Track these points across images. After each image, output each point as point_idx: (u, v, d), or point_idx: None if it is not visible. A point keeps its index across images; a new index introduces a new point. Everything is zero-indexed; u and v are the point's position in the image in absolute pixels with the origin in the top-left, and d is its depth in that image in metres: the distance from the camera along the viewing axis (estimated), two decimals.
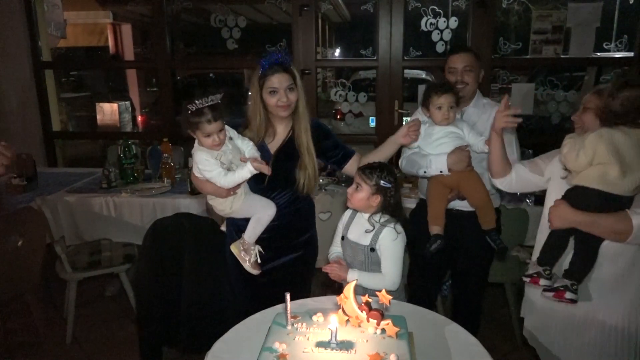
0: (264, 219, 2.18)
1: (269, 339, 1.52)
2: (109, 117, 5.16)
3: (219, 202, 2.15)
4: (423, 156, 2.31)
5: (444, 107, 2.24)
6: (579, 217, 1.77)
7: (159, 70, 4.68)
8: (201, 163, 2.04)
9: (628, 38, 4.24)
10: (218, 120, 1.98)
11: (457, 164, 2.23)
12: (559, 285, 1.80)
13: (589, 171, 1.72)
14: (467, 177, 2.27)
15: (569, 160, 1.76)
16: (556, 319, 1.97)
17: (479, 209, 2.31)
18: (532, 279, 1.87)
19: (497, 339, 3.18)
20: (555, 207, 1.82)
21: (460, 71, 2.42)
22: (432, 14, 4.18)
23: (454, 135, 2.27)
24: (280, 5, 4.48)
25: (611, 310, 1.84)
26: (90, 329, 3.37)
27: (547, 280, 1.84)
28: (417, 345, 1.60)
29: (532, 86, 4.43)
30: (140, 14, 7.37)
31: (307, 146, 2.20)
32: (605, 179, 1.70)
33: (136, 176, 3.61)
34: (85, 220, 3.31)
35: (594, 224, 1.75)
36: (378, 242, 2.04)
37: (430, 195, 2.36)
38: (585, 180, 1.74)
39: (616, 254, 1.80)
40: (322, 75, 5.88)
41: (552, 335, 2.00)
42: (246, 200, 2.16)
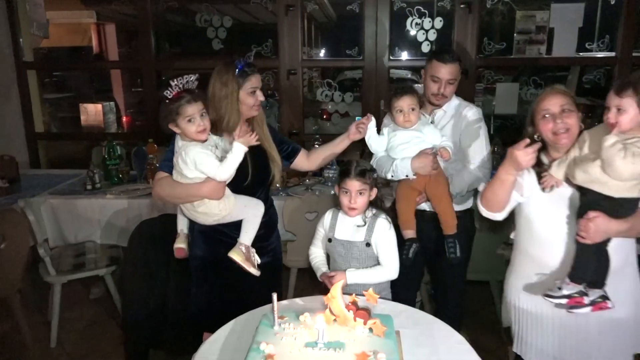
0: (257, 217, 2.17)
1: (256, 340, 1.51)
2: (93, 117, 5.10)
3: (214, 206, 2.06)
4: (389, 160, 2.31)
5: (404, 110, 2.23)
6: (622, 225, 1.70)
7: (143, 71, 4.64)
8: (198, 157, 1.93)
9: (610, 38, 4.30)
10: (199, 101, 1.94)
11: (421, 168, 2.22)
12: (595, 297, 1.74)
13: (632, 183, 1.64)
14: (433, 181, 2.26)
15: (628, 171, 1.60)
16: (549, 320, 1.95)
17: (440, 214, 2.30)
18: (572, 300, 1.75)
19: (483, 336, 3.20)
20: (593, 222, 1.68)
21: (444, 82, 2.34)
22: (417, 14, 4.20)
23: (417, 139, 2.26)
24: (266, 5, 4.47)
25: (617, 306, 1.81)
26: (75, 332, 3.33)
27: (587, 296, 1.75)
28: (404, 343, 1.61)
29: (516, 86, 4.47)
30: (125, 13, 7.30)
31: (268, 140, 2.24)
32: None
33: (121, 177, 3.58)
34: (69, 222, 3.27)
35: (631, 229, 1.73)
36: (373, 235, 2.08)
37: (398, 199, 2.36)
38: (630, 192, 1.67)
39: (615, 248, 1.79)
40: (308, 75, 5.87)
41: (546, 337, 1.97)
42: (238, 200, 2.13)
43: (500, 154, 3.60)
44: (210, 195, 2.02)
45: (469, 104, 2.46)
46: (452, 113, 2.44)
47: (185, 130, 1.95)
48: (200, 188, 1.99)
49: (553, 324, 1.93)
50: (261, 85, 2.17)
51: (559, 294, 1.77)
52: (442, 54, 2.36)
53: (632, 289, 1.90)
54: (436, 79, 2.36)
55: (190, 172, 1.98)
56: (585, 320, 1.86)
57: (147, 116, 4.78)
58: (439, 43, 4.30)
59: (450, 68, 2.34)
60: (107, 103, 5.27)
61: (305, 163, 2.45)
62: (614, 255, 1.78)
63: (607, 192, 1.68)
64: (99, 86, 9.25)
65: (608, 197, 1.69)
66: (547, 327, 1.95)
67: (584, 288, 1.76)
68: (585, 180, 1.72)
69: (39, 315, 3.48)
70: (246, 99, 2.12)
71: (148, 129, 4.71)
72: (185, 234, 2.30)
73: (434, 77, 2.36)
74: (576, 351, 1.93)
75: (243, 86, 2.11)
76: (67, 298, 3.48)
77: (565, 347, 1.94)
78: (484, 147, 2.39)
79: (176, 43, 6.84)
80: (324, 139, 3.83)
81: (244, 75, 2.10)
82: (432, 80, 2.37)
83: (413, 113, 2.24)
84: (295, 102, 4.48)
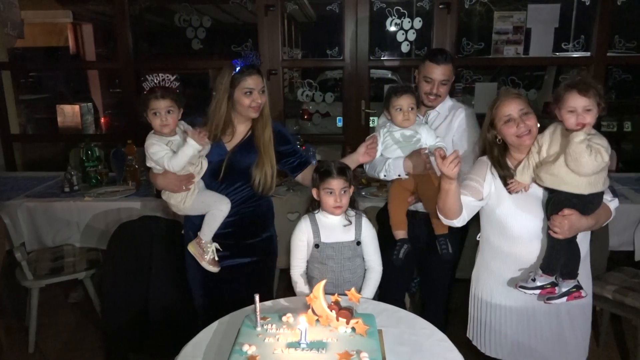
0: (217, 214, 2.20)
1: (238, 341, 1.51)
2: (71, 119, 5.03)
3: (173, 197, 2.20)
4: (382, 160, 2.31)
5: (404, 109, 2.25)
6: (590, 221, 1.84)
7: (121, 71, 4.59)
8: (150, 146, 2.10)
9: (585, 38, 4.39)
10: (167, 98, 2.07)
11: (414, 168, 2.23)
12: (569, 288, 1.86)
13: (597, 178, 1.77)
14: (426, 181, 2.27)
15: (592, 165, 1.71)
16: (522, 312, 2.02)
17: (432, 215, 2.30)
18: (544, 290, 1.87)
19: (464, 333, 3.23)
20: (568, 218, 1.79)
21: (437, 83, 2.34)
22: (396, 15, 4.23)
23: (412, 138, 2.27)
24: (246, 5, 4.46)
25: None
26: (54, 338, 3.27)
27: (558, 286, 1.88)
28: (386, 342, 1.61)
29: (495, 85, 4.53)
30: (102, 13, 7.20)
31: (266, 147, 2.23)
32: (605, 180, 1.81)
33: (100, 179, 3.54)
34: (47, 225, 3.22)
35: (597, 223, 1.87)
36: (362, 233, 2.12)
37: (391, 199, 2.37)
38: (596, 187, 1.78)
39: (580, 241, 1.91)
40: (289, 76, 5.87)
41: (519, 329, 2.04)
42: (199, 196, 2.20)
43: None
44: (165, 187, 2.19)
45: (462, 105, 2.47)
46: (445, 114, 2.45)
47: (151, 122, 2.10)
48: (157, 179, 2.19)
49: (526, 315, 2.02)
50: (261, 87, 2.17)
51: (532, 285, 1.88)
52: (435, 54, 2.35)
53: (587, 275, 2.03)
54: (429, 79, 2.35)
55: (149, 163, 2.15)
56: (556, 308, 1.96)
57: (126, 117, 4.72)
58: (419, 43, 4.33)
59: (443, 69, 2.33)
60: (84, 104, 5.20)
61: (308, 180, 2.36)
62: (580, 247, 1.91)
63: (576, 191, 1.78)
64: (76, 87, 9.10)
65: (578, 195, 1.79)
66: (520, 318, 2.03)
67: (556, 279, 1.87)
68: (554, 182, 1.82)
69: (16, 320, 3.41)
70: (240, 98, 2.15)
71: (127, 130, 4.66)
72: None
73: (427, 77, 2.36)
74: (548, 339, 2.01)
75: (239, 86, 2.13)
76: (45, 303, 3.42)
77: (536, 337, 2.03)
78: (476, 149, 2.41)
79: (155, 43, 6.76)
80: (305, 139, 3.84)
81: (240, 75, 2.13)
82: (425, 81, 2.37)
83: (412, 112, 2.26)
84: (276, 103, 4.46)
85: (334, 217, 2.12)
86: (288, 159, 2.36)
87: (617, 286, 2.71)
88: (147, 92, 2.08)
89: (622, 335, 3.08)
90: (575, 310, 2.00)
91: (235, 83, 2.13)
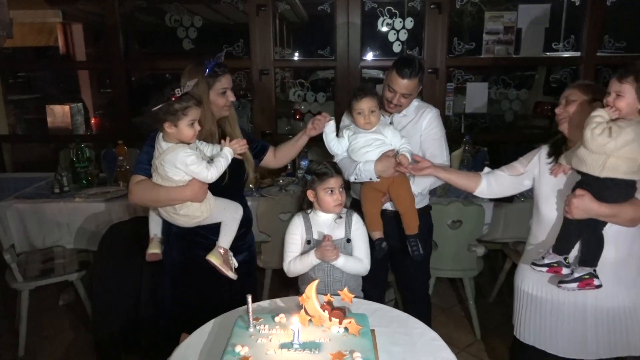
0: (236, 220, 2.17)
1: (231, 342, 1.50)
2: (61, 119, 4.99)
3: (196, 208, 2.05)
4: (352, 163, 2.31)
5: (364, 112, 2.24)
6: (603, 209, 1.78)
7: (112, 71, 4.56)
8: (188, 157, 1.93)
9: (575, 38, 4.42)
10: (199, 107, 1.96)
11: (384, 172, 2.23)
12: (583, 274, 1.84)
13: (617, 163, 1.71)
14: (397, 182, 2.28)
15: (597, 142, 1.69)
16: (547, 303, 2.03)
17: (403, 215, 2.32)
18: (551, 269, 1.88)
19: (456, 332, 3.25)
20: (578, 199, 1.78)
21: (399, 95, 2.32)
22: (388, 15, 4.24)
23: (378, 141, 2.27)
24: (237, 5, 4.45)
25: (615, 293, 1.91)
26: (45, 340, 3.24)
27: (568, 269, 1.87)
28: (379, 342, 1.61)
29: (486, 85, 4.55)
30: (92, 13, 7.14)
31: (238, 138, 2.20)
32: (634, 168, 1.72)
33: (90, 180, 3.52)
34: (37, 227, 3.19)
35: (615, 216, 1.80)
36: (352, 230, 2.14)
37: (364, 201, 2.37)
38: (615, 171, 1.73)
39: (616, 237, 1.87)
40: (281, 76, 5.86)
41: (543, 320, 2.05)
42: (218, 203, 2.12)
43: (471, 153, 3.66)
44: (194, 198, 2.01)
45: (428, 106, 2.48)
46: (412, 115, 2.45)
47: (182, 131, 1.93)
48: (184, 191, 1.99)
49: (551, 306, 2.02)
50: (232, 85, 2.15)
51: (541, 262, 1.90)
52: (402, 67, 2.27)
53: (633, 281, 1.95)
54: (392, 89, 2.33)
55: (177, 175, 1.96)
56: (583, 305, 1.95)
57: (117, 117, 4.69)
58: (410, 43, 4.34)
59: (408, 83, 2.28)
60: (74, 104, 5.16)
61: (272, 161, 2.45)
62: (614, 244, 1.87)
63: (591, 171, 1.76)
64: (66, 87, 9.04)
65: (595, 177, 1.76)
66: (545, 310, 2.04)
67: (565, 260, 1.87)
68: (576, 163, 1.82)
69: (7, 323, 3.39)
70: (216, 99, 2.11)
71: (117, 130, 4.63)
72: (160, 238, 2.26)
73: (390, 87, 2.34)
74: (572, 337, 2.00)
75: (213, 87, 2.09)
76: (36, 305, 3.40)
77: (561, 332, 2.01)
78: (443, 147, 2.44)
79: (146, 43, 6.73)
80: None
81: (214, 76, 2.08)
82: (388, 90, 2.35)
83: (373, 115, 2.25)
84: (267, 103, 4.47)
85: (326, 215, 2.14)
86: (250, 146, 2.27)
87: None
88: (181, 98, 1.91)
89: None
90: (602, 312, 1.95)
91: (209, 84, 2.07)
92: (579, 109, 1.91)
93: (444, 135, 2.46)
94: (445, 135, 2.47)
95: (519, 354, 2.21)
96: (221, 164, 1.99)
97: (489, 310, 3.45)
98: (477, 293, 3.37)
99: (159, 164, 1.97)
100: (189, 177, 1.97)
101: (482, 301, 3.49)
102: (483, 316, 3.27)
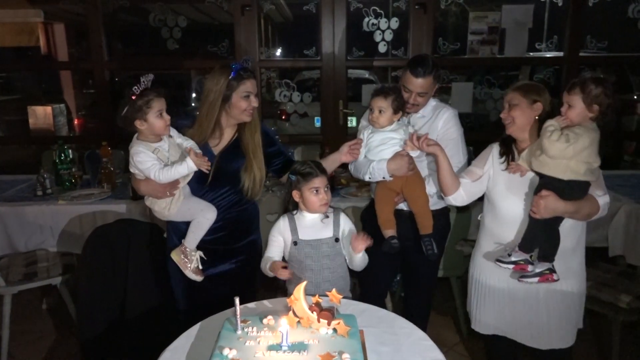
0: (203, 223, 2.16)
1: (218, 345, 1.49)
2: (43, 120, 4.93)
3: (157, 203, 2.14)
4: (367, 162, 2.32)
5: (373, 110, 2.26)
6: (569, 207, 1.92)
7: (95, 72, 4.50)
8: (137, 154, 2.03)
9: (558, 38, 4.47)
10: (162, 97, 2.01)
11: (397, 170, 2.24)
12: (543, 269, 1.97)
13: (578, 166, 1.87)
14: (410, 182, 2.29)
15: (556, 148, 1.85)
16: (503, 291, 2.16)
17: (416, 215, 2.33)
18: (518, 266, 2.00)
19: (444, 331, 3.27)
20: (545, 200, 1.89)
21: (414, 94, 2.32)
22: (373, 15, 4.25)
23: (393, 140, 2.27)
24: (222, 4, 4.42)
25: (564, 278, 2.04)
26: (28, 345, 3.19)
27: (532, 265, 1.99)
28: (367, 342, 1.62)
29: (471, 85, 4.58)
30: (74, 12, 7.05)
31: (255, 150, 2.22)
32: (590, 170, 1.90)
33: (74, 182, 3.47)
34: (19, 230, 3.14)
35: (577, 212, 1.94)
36: (340, 229, 2.13)
37: (377, 200, 2.38)
38: (577, 174, 1.88)
39: (569, 230, 2.03)
40: (266, 76, 5.85)
41: (499, 307, 2.19)
42: (185, 203, 2.14)
43: None
44: (148, 194, 2.12)
45: (446, 105, 2.48)
46: (429, 115, 2.45)
47: (153, 124, 2.00)
48: (140, 185, 2.12)
49: (508, 294, 2.15)
50: (256, 91, 2.18)
51: (507, 260, 2.02)
52: (415, 66, 2.29)
53: (580, 268, 2.15)
54: (407, 89, 2.34)
55: (131, 166, 2.09)
56: (535, 291, 2.09)
57: (100, 118, 4.64)
58: (395, 43, 4.36)
59: (422, 82, 2.30)
60: (57, 105, 5.10)
61: None
62: (566, 236, 2.02)
63: (555, 174, 1.90)
64: (48, 88, 8.93)
65: (558, 179, 1.91)
66: (501, 297, 2.18)
67: (530, 258, 2.00)
68: (538, 166, 1.96)
69: None
70: (239, 102, 2.12)
71: (101, 131, 4.58)
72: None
73: (405, 87, 2.34)
74: (526, 322, 2.14)
75: (237, 89, 2.11)
76: (19, 309, 3.35)
77: (515, 318, 2.16)
78: (460, 147, 2.42)
79: (129, 43, 6.66)
80: (283, 140, 3.82)
81: (239, 79, 2.11)
82: (404, 90, 2.35)
83: (381, 116, 2.25)
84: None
85: (312, 215, 2.13)
86: (274, 161, 2.35)
87: (592, 282, 2.77)
88: (139, 95, 1.96)
89: (600, 330, 3.13)
90: (555, 296, 2.09)
91: (233, 87, 2.10)
92: (520, 112, 2.05)
93: (461, 135, 2.43)
94: (462, 136, 2.44)
95: (489, 347, 2.43)
96: (176, 171, 2.02)
97: None
98: (463, 292, 3.38)
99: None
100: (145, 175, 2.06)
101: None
102: None
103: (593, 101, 1.86)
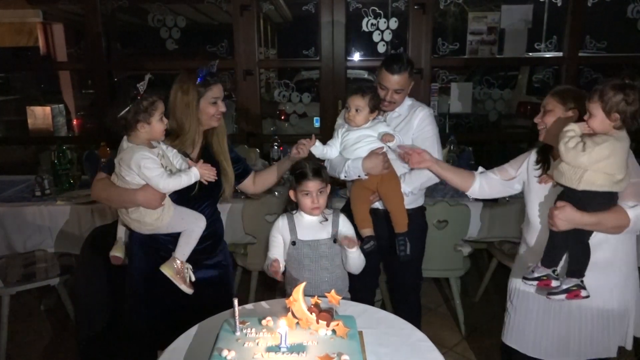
0: (196, 232, 2.08)
1: (217, 347, 1.48)
2: (42, 121, 4.91)
3: (149, 214, 1.98)
4: (342, 161, 2.31)
5: (350, 109, 2.26)
6: (586, 219, 1.79)
7: (94, 72, 4.50)
8: (142, 160, 1.87)
9: (557, 39, 4.47)
10: (162, 99, 1.95)
11: (372, 169, 2.24)
12: (570, 285, 1.86)
13: (593, 177, 1.75)
14: (386, 180, 2.29)
15: (570, 155, 1.76)
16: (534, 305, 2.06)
17: (392, 213, 2.32)
18: (541, 282, 1.90)
19: (443, 332, 3.26)
20: (560, 211, 1.80)
21: (391, 91, 2.35)
22: (372, 15, 4.24)
23: (369, 139, 2.27)
24: (221, 5, 4.42)
25: (600, 293, 1.93)
26: (26, 346, 3.18)
27: (557, 281, 1.89)
28: (367, 343, 1.61)
29: (470, 85, 4.58)
30: (73, 12, 7.05)
31: (225, 155, 2.20)
32: (612, 182, 1.76)
33: (72, 183, 3.46)
34: (17, 231, 3.14)
35: (599, 224, 1.81)
36: (339, 231, 2.11)
37: (353, 199, 2.38)
38: (591, 185, 1.77)
39: (602, 242, 1.90)
40: (265, 76, 5.85)
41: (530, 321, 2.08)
42: (177, 212, 2.04)
43: (455, 152, 3.68)
44: (145, 204, 1.94)
45: (421, 105, 2.49)
46: (405, 114, 2.47)
47: (155, 128, 1.91)
48: (136, 194, 1.92)
49: (537, 309, 2.06)
50: (223, 95, 2.12)
51: (531, 276, 1.92)
52: (390, 63, 2.32)
53: (620, 285, 1.98)
54: (383, 87, 2.36)
55: (131, 176, 1.91)
56: (568, 304, 1.96)
57: (99, 119, 4.63)
58: (394, 43, 4.36)
59: (398, 78, 2.32)
60: (56, 105, 5.08)
61: (251, 187, 2.41)
62: (598, 250, 1.88)
63: (569, 184, 1.81)
64: (47, 88, 8.93)
65: (573, 189, 1.80)
66: (532, 312, 2.08)
67: (554, 272, 1.89)
68: (557, 176, 1.86)
69: None
70: (207, 108, 2.07)
71: (100, 132, 4.58)
72: (124, 242, 2.20)
73: (381, 84, 2.36)
74: (556, 337, 2.04)
75: (204, 95, 2.06)
76: (17, 310, 3.34)
77: (546, 332, 2.05)
78: (435, 146, 2.43)
79: (128, 43, 6.65)
80: (282, 140, 3.82)
81: (206, 84, 2.05)
82: (380, 87, 2.37)
83: (357, 114, 2.25)
84: (252, 103, 4.44)
85: (308, 217, 2.12)
86: (235, 166, 2.27)
87: None
88: (142, 96, 1.87)
89: None
90: (587, 309, 1.98)
91: (200, 93, 2.05)
92: (555, 119, 1.95)
93: (436, 134, 2.45)
94: (437, 135, 2.46)
95: (505, 357, 2.26)
96: (182, 180, 1.92)
97: (475, 309, 3.47)
98: (463, 292, 3.39)
99: (117, 163, 1.94)
100: (143, 181, 1.91)
101: (467, 300, 3.51)
102: (469, 315, 3.29)
103: (613, 109, 1.72)
